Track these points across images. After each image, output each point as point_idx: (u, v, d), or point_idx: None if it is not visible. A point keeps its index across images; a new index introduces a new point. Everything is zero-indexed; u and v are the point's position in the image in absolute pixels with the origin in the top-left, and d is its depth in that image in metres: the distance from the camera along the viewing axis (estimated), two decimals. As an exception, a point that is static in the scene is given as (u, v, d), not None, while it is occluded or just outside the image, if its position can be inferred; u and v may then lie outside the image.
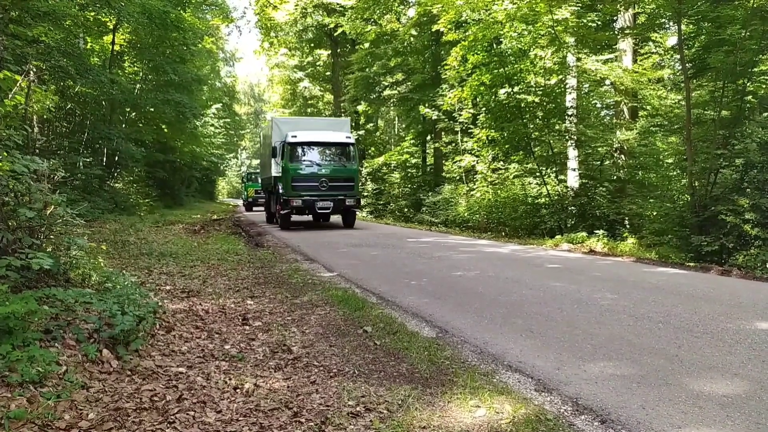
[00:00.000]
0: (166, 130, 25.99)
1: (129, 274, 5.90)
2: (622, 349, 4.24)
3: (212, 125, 37.62)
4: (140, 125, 23.80)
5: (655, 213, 12.34)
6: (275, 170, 17.00)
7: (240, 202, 44.41)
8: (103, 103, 18.99)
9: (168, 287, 6.52)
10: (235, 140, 57.54)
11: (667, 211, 11.85)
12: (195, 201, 42.75)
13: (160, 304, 4.84)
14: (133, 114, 22.82)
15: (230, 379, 3.53)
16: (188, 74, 24.08)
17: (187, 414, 2.99)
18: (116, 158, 20.95)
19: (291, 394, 3.33)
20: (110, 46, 19.28)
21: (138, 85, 22.15)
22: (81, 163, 16.34)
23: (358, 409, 3.11)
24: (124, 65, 22.16)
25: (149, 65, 21.87)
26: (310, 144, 16.17)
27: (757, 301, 5.97)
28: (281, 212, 16.27)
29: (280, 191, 16.24)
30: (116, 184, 21.49)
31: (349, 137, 16.77)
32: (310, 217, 18.35)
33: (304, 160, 15.98)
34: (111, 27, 18.66)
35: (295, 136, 15.93)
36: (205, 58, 33.53)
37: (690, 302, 5.89)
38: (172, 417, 2.95)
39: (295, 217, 16.91)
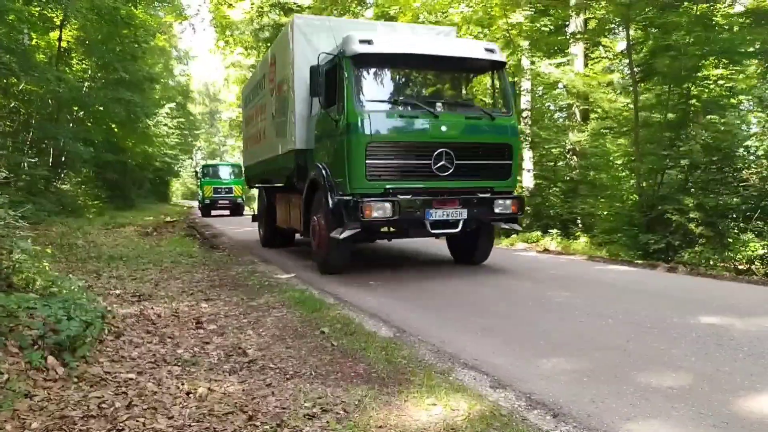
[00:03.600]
0: (116, 129, 25.17)
1: (76, 279, 5.68)
2: (575, 344, 4.35)
3: (165, 125, 36.61)
4: (89, 124, 22.95)
5: (605, 212, 12.70)
6: (300, 136, 8.36)
7: (196, 204, 37.48)
8: (50, 101, 18.25)
9: (118, 291, 6.32)
10: (189, 140, 56.33)
11: (617, 210, 12.21)
12: (147, 203, 41.36)
13: (108, 308, 4.69)
14: (82, 113, 22.00)
15: (183, 384, 3.44)
16: (140, 72, 23.42)
17: (137, 421, 2.90)
18: (63, 158, 20.16)
19: (246, 397, 3.27)
20: (57, 43, 18.57)
21: (86, 83, 21.39)
22: (25, 164, 15.65)
23: (314, 410, 3.08)
24: (72, 62, 21.36)
25: (98, 63, 21.15)
26: (407, 60, 7.42)
27: (701, 297, 6.21)
28: (336, 235, 6.96)
29: (328, 180, 7.33)
30: (63, 186, 20.68)
31: (494, 50, 7.68)
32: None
33: (394, 103, 7.35)
34: (58, 23, 17.97)
35: (371, 42, 6.99)
36: (158, 56, 32.74)
37: (639, 298, 6.08)
38: (121, 424, 2.85)
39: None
